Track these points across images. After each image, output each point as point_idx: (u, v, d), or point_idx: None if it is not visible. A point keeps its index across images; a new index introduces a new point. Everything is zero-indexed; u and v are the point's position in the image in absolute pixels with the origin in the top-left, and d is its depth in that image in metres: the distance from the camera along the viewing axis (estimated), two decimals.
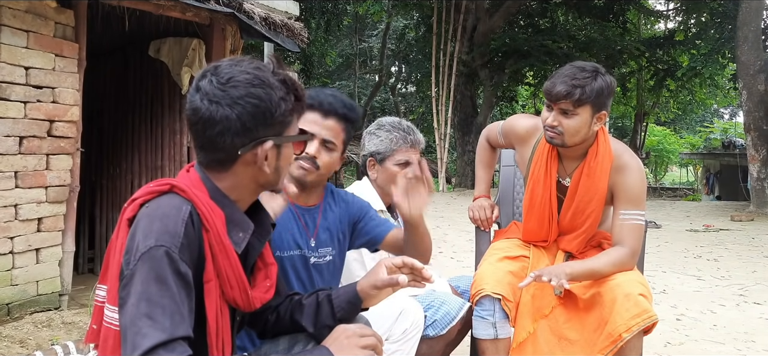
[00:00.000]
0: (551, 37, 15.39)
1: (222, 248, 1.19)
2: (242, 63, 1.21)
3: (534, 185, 2.19)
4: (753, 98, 10.56)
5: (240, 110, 1.17)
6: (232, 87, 1.18)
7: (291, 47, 4.78)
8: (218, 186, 1.24)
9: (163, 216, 1.13)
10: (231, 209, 1.24)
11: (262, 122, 1.20)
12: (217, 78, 1.19)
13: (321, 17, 17.18)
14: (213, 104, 1.17)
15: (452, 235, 7.32)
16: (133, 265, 1.09)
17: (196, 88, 1.20)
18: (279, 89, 1.21)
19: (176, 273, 1.09)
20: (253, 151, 1.21)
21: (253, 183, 1.27)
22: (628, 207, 2.07)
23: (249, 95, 1.18)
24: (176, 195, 1.18)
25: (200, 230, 1.17)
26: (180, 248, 1.11)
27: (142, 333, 1.04)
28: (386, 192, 2.21)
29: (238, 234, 1.24)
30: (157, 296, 1.07)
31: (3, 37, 3.26)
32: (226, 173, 1.24)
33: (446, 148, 15.19)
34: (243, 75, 1.19)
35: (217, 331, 1.20)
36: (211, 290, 1.18)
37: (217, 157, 1.22)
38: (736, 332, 3.61)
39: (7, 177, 3.32)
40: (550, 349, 2.04)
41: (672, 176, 34.83)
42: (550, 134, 2.06)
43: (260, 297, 1.32)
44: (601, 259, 2.06)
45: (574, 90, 1.96)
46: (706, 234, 7.97)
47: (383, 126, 2.22)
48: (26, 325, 3.26)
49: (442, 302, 2.03)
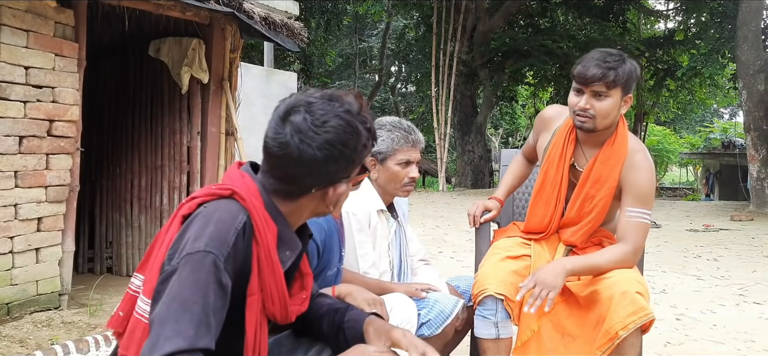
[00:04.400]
0: (551, 37, 15.39)
1: (269, 263, 1.19)
2: (335, 103, 1.21)
3: (548, 167, 2.21)
4: (753, 97, 10.56)
5: (327, 154, 1.18)
6: (326, 131, 1.17)
7: (291, 47, 4.78)
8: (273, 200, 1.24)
9: (218, 221, 1.13)
10: (284, 225, 1.24)
11: (344, 168, 1.22)
12: (313, 117, 1.18)
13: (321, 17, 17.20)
14: (304, 144, 1.17)
15: (452, 235, 7.32)
16: (177, 262, 1.09)
17: (286, 121, 1.19)
18: (365, 136, 1.23)
19: (218, 282, 1.09)
20: (326, 190, 1.23)
21: (311, 213, 1.29)
22: (636, 205, 2.08)
23: (340, 142, 1.19)
24: (235, 202, 1.18)
25: (250, 242, 1.17)
26: (226, 257, 1.10)
27: (164, 335, 1.03)
28: (386, 192, 2.21)
29: (285, 252, 1.25)
30: (191, 301, 1.06)
31: (3, 37, 3.26)
32: (288, 200, 1.24)
33: (446, 148, 15.19)
34: (337, 120, 1.19)
35: (255, 345, 1.19)
36: (253, 304, 1.18)
37: (288, 189, 1.23)
38: (735, 332, 3.61)
39: (6, 177, 3.32)
40: (553, 346, 2.04)
41: (672, 176, 34.85)
42: (581, 118, 2.07)
43: (297, 310, 1.32)
44: (603, 254, 2.06)
45: (609, 72, 2.00)
46: (705, 234, 7.97)
47: (384, 126, 2.22)
48: (26, 325, 3.26)
49: (436, 301, 2.03)
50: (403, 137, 2.17)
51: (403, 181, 2.18)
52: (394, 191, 2.21)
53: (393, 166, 2.16)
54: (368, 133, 1.24)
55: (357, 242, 2.11)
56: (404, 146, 2.17)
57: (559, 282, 1.94)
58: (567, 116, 2.23)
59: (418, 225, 7.94)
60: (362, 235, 2.12)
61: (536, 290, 1.92)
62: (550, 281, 1.93)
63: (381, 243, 2.19)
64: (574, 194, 2.19)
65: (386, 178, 2.18)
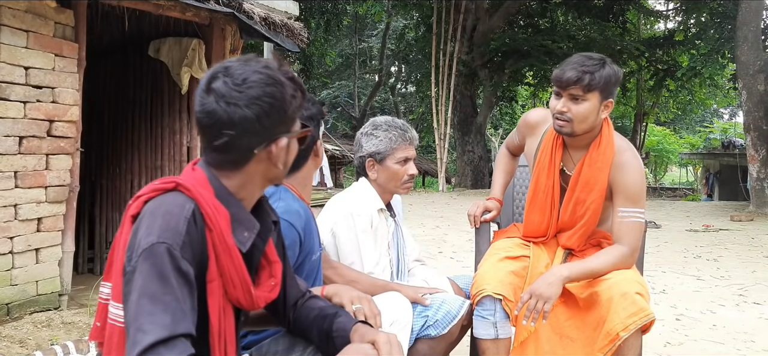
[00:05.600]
0: (551, 37, 15.40)
1: (225, 248, 1.19)
2: (252, 63, 1.22)
3: (538, 174, 2.22)
4: (753, 98, 10.56)
5: (257, 110, 1.18)
6: (249, 88, 1.18)
7: (291, 47, 4.78)
8: (226, 185, 1.24)
9: (166, 214, 1.14)
10: (237, 208, 1.24)
11: (278, 120, 1.22)
12: (232, 79, 1.18)
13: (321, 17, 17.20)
14: (230, 106, 1.17)
15: (452, 235, 7.32)
16: (135, 261, 1.10)
17: (209, 90, 1.19)
18: (289, 86, 1.23)
19: (177, 270, 1.10)
20: (268, 149, 1.23)
21: (263, 180, 1.29)
22: (627, 205, 2.08)
23: (265, 95, 1.19)
24: (180, 193, 1.19)
25: (203, 229, 1.17)
26: (182, 246, 1.11)
27: (143, 329, 1.04)
28: (386, 191, 2.24)
29: (242, 233, 1.24)
30: (159, 293, 1.07)
31: (3, 37, 3.26)
32: (237, 172, 1.24)
33: (446, 148, 15.19)
34: (257, 75, 1.19)
35: (220, 331, 1.20)
36: (214, 290, 1.19)
37: (231, 157, 1.23)
38: (735, 332, 3.61)
39: (6, 177, 3.32)
40: (551, 348, 2.04)
41: (672, 176, 34.87)
42: (559, 122, 2.08)
43: (265, 297, 1.32)
44: (600, 257, 2.06)
45: (584, 76, 2.01)
46: (705, 234, 7.97)
47: (379, 126, 2.25)
48: (26, 325, 3.26)
49: (443, 301, 2.03)
50: (399, 135, 2.21)
51: (402, 178, 2.22)
52: (395, 189, 2.24)
53: (392, 165, 2.20)
54: (293, 83, 1.24)
55: (361, 243, 2.12)
56: (402, 144, 2.21)
57: (554, 291, 1.94)
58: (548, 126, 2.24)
59: (418, 225, 7.94)
60: (366, 235, 2.14)
61: (532, 302, 1.93)
62: (546, 291, 1.93)
63: (381, 243, 2.21)
64: (565, 200, 2.19)
65: (386, 177, 2.21)
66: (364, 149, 2.25)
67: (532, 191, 2.25)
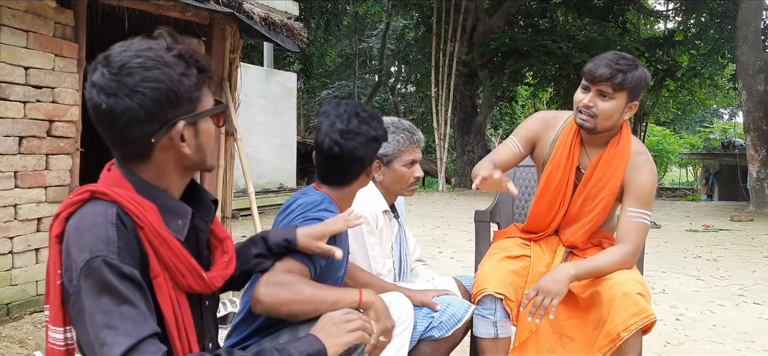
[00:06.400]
0: (551, 37, 15.38)
1: (161, 241, 1.15)
2: (133, 46, 1.14)
3: (553, 169, 2.20)
4: (753, 98, 10.56)
5: (140, 98, 1.10)
6: (126, 75, 1.10)
7: (291, 47, 4.78)
8: (144, 178, 1.19)
9: (91, 226, 1.09)
10: (163, 198, 1.20)
11: (168, 104, 1.13)
12: (109, 68, 1.11)
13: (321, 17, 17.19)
14: (110, 98, 1.10)
15: (452, 235, 7.32)
16: (77, 282, 1.06)
17: (91, 83, 1.12)
18: (177, 65, 1.14)
19: (122, 276, 1.06)
20: (167, 135, 1.15)
21: (178, 167, 1.21)
22: (637, 205, 2.09)
23: (145, 80, 1.10)
24: (99, 201, 1.14)
25: (134, 229, 1.13)
26: (118, 252, 1.07)
27: (107, 344, 1.02)
28: (391, 192, 2.23)
29: (176, 222, 1.20)
30: (111, 304, 1.04)
31: (3, 37, 3.26)
32: (147, 163, 1.18)
33: (446, 148, 15.18)
34: (135, 60, 1.11)
35: (177, 323, 1.17)
36: (161, 284, 1.15)
37: (132, 150, 1.17)
38: (735, 332, 3.61)
39: (6, 177, 3.32)
40: (551, 347, 2.05)
41: (672, 176, 34.84)
42: (582, 116, 2.08)
43: (221, 275, 1.29)
44: (605, 256, 2.06)
45: (617, 74, 2.00)
46: (705, 234, 7.97)
47: (387, 128, 2.23)
48: (26, 325, 3.26)
49: (448, 304, 2.03)
50: (407, 138, 2.19)
51: (409, 181, 2.21)
52: (400, 191, 2.23)
53: (399, 167, 2.19)
54: (182, 61, 1.14)
55: (368, 245, 2.12)
56: (409, 147, 2.20)
57: (562, 289, 1.95)
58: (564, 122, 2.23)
59: (418, 225, 7.94)
60: (372, 237, 2.13)
61: (538, 298, 1.92)
62: (553, 288, 1.93)
63: (386, 244, 2.21)
64: (577, 193, 2.20)
65: (392, 179, 2.20)
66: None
67: (543, 184, 2.23)
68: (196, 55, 1.18)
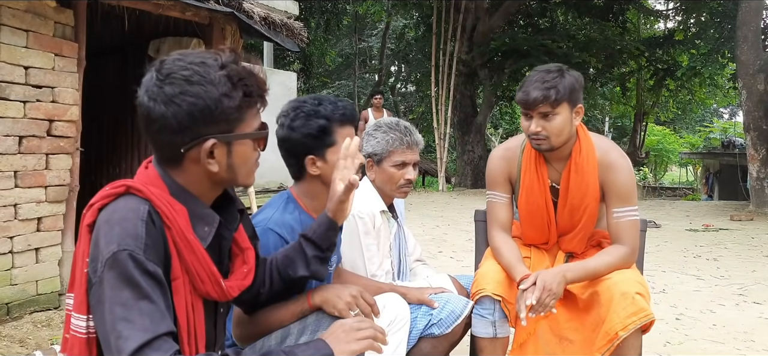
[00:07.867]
0: (551, 37, 15.39)
1: (186, 244, 1.17)
2: (188, 57, 1.16)
3: (528, 194, 2.18)
4: (753, 97, 10.56)
5: (175, 109, 1.13)
6: (169, 84, 1.13)
7: (290, 47, 4.79)
8: (178, 181, 1.21)
9: (122, 220, 1.11)
10: (194, 204, 1.21)
11: (201, 120, 1.15)
12: (158, 73, 1.15)
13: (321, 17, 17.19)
14: (151, 101, 1.14)
15: (452, 235, 7.32)
16: (101, 272, 1.07)
17: (142, 81, 1.17)
18: (222, 84, 1.15)
19: (145, 273, 1.08)
20: (197, 149, 1.18)
21: (207, 180, 1.23)
22: (620, 205, 2.08)
23: (184, 93, 1.13)
24: (133, 196, 1.16)
25: (162, 229, 1.15)
26: (145, 249, 1.09)
27: (123, 336, 1.03)
28: (384, 193, 2.22)
29: (203, 228, 1.22)
30: (131, 298, 1.05)
31: (3, 37, 3.26)
32: (179, 169, 1.21)
33: (446, 148, 15.18)
34: (182, 71, 1.14)
35: (188, 328, 1.18)
36: (179, 287, 1.17)
37: (164, 154, 1.20)
38: (735, 331, 3.61)
39: (6, 177, 3.32)
40: (550, 349, 2.04)
41: (672, 175, 34.85)
42: (535, 141, 2.06)
43: (238, 285, 1.30)
44: (600, 258, 2.06)
45: (549, 92, 1.99)
46: (705, 234, 7.97)
47: (380, 127, 2.22)
48: (26, 325, 3.26)
49: (447, 301, 2.03)
50: (398, 139, 2.17)
51: (398, 183, 2.19)
52: (391, 192, 2.21)
53: (388, 167, 2.17)
54: (229, 81, 1.16)
55: (364, 245, 2.11)
56: (399, 148, 2.17)
57: (560, 290, 1.94)
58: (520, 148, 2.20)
59: (418, 225, 7.94)
60: (368, 238, 2.12)
61: (543, 295, 1.90)
62: (555, 287, 1.92)
63: (384, 245, 2.20)
64: (559, 210, 2.18)
65: (382, 179, 2.19)
66: (364, 149, 2.24)
67: (524, 209, 2.21)
68: (248, 78, 1.19)
